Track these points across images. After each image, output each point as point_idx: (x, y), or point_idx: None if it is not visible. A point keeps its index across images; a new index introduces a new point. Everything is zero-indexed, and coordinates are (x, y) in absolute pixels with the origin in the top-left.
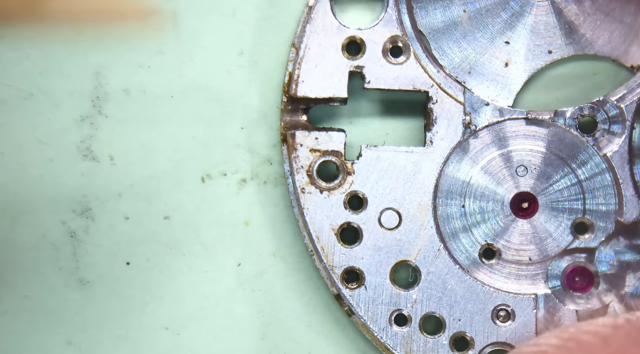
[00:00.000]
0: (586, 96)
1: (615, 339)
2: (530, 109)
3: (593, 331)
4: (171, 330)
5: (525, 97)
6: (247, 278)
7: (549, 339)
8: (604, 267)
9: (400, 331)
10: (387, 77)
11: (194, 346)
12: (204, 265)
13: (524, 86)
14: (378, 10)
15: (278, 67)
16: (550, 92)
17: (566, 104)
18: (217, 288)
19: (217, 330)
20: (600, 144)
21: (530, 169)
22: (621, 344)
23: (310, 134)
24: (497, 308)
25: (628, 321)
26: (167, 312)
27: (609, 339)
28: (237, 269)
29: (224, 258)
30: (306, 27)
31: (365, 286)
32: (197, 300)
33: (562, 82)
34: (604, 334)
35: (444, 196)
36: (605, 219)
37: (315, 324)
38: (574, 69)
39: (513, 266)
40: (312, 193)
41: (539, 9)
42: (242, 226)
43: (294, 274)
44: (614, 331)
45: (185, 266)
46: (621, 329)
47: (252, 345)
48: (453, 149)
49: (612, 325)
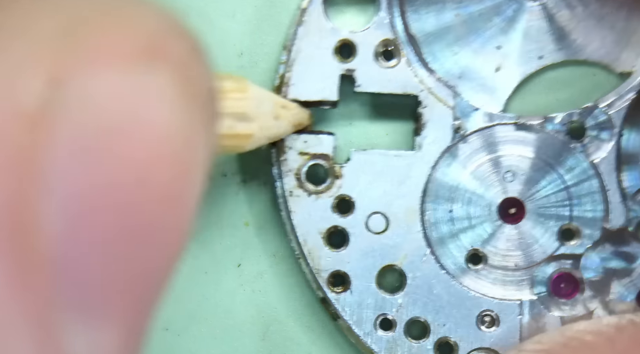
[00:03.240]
0: (576, 102)
1: (619, 340)
2: (520, 115)
3: (597, 331)
4: (171, 331)
5: (515, 103)
6: (247, 278)
7: (553, 337)
8: (590, 274)
9: (385, 336)
10: (378, 80)
11: (193, 346)
12: (204, 265)
13: (514, 91)
14: (370, 14)
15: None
16: (540, 98)
17: (556, 109)
18: (217, 288)
19: (217, 331)
20: (588, 151)
21: (518, 174)
22: (625, 345)
23: (299, 137)
24: (482, 314)
25: (632, 322)
26: (167, 313)
27: (613, 340)
28: (237, 270)
29: (224, 259)
30: (298, 29)
31: (351, 290)
32: (197, 301)
33: (553, 88)
34: (608, 334)
35: (432, 200)
36: (591, 225)
37: (315, 326)
38: (564, 74)
39: (499, 272)
40: (300, 196)
41: (531, 14)
42: (242, 226)
43: (295, 275)
44: (617, 331)
45: (185, 266)
46: (625, 330)
47: (252, 346)
48: (442, 154)
49: (616, 326)
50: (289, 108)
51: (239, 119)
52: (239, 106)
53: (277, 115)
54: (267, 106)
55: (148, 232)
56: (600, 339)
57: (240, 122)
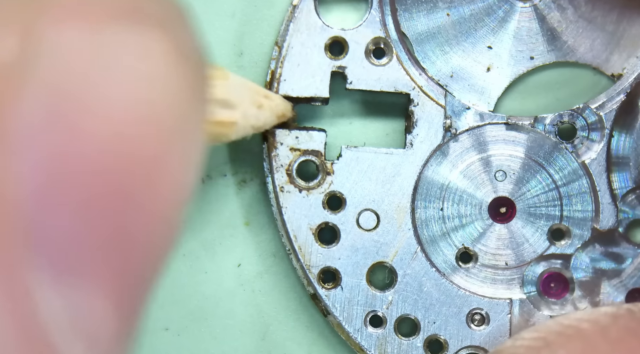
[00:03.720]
0: (566, 103)
1: (614, 328)
2: (511, 115)
3: (594, 320)
4: (171, 331)
5: (506, 103)
6: (247, 278)
7: (549, 326)
8: (580, 274)
9: (375, 333)
10: (369, 78)
11: (193, 346)
12: (204, 265)
13: (505, 91)
14: (362, 11)
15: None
16: (531, 98)
17: (546, 110)
18: (217, 288)
19: (217, 331)
20: (579, 151)
21: (509, 174)
22: (620, 334)
23: (291, 133)
24: (472, 312)
25: (629, 311)
26: (167, 312)
27: (608, 329)
28: (237, 270)
29: (224, 259)
30: (290, 26)
31: (341, 286)
32: (197, 300)
33: (543, 89)
34: (604, 323)
35: (423, 198)
36: (581, 226)
37: (316, 326)
38: (555, 75)
39: (489, 271)
40: (291, 192)
41: (522, 15)
42: (242, 226)
43: (295, 275)
44: (613, 320)
45: (185, 266)
46: (621, 319)
47: (252, 346)
48: (433, 152)
49: (613, 315)
50: (272, 98)
51: (221, 105)
52: (221, 93)
53: (259, 104)
54: (248, 94)
55: (129, 198)
56: (595, 328)
57: (222, 109)
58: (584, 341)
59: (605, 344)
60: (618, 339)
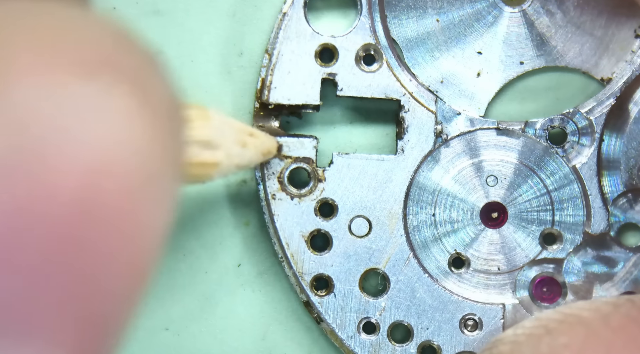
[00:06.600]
0: (556, 108)
1: (615, 316)
2: (501, 120)
3: (595, 308)
4: (171, 331)
5: (496, 108)
6: (247, 278)
7: (551, 314)
8: (572, 278)
9: (368, 339)
10: (360, 84)
11: (194, 346)
12: (204, 265)
13: (495, 97)
14: (352, 18)
15: None
16: (521, 103)
17: (537, 115)
18: (217, 288)
19: (217, 331)
20: (569, 156)
21: (501, 179)
22: (621, 322)
23: (282, 140)
24: (465, 317)
25: (630, 300)
26: (167, 312)
27: (609, 316)
28: (237, 270)
29: (224, 258)
30: (279, 33)
31: (334, 293)
32: (197, 300)
33: (533, 93)
34: (605, 311)
35: (415, 204)
36: (573, 230)
37: (315, 326)
38: (544, 80)
39: (482, 276)
40: (283, 199)
41: (511, 21)
42: (242, 226)
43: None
44: (615, 309)
45: (185, 266)
46: (622, 308)
47: (252, 346)
48: (424, 158)
49: (614, 303)
50: (256, 136)
51: (203, 146)
52: (202, 134)
53: (243, 142)
54: (232, 133)
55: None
56: (596, 315)
57: (204, 149)
58: (586, 328)
59: (607, 331)
60: (619, 327)
